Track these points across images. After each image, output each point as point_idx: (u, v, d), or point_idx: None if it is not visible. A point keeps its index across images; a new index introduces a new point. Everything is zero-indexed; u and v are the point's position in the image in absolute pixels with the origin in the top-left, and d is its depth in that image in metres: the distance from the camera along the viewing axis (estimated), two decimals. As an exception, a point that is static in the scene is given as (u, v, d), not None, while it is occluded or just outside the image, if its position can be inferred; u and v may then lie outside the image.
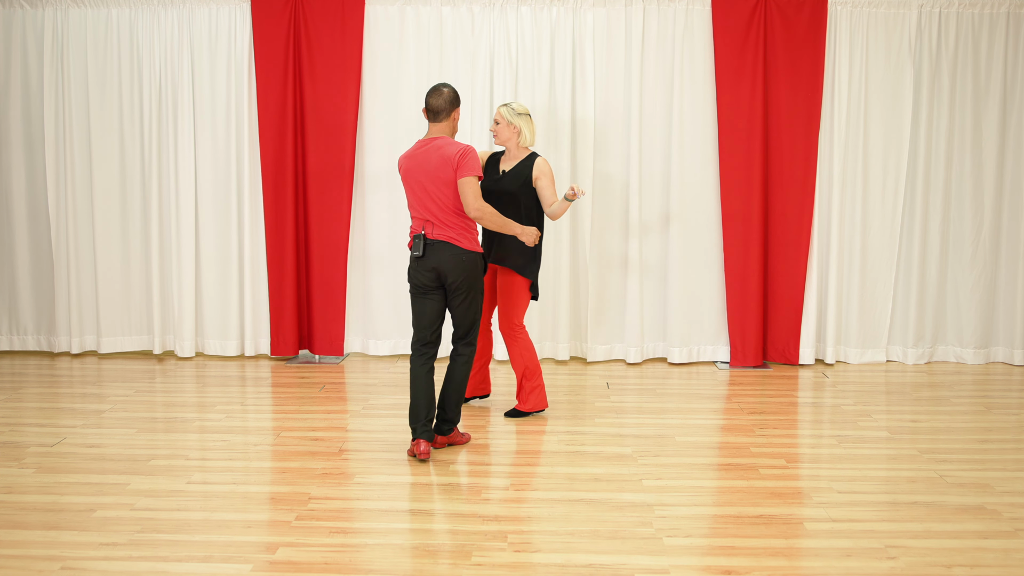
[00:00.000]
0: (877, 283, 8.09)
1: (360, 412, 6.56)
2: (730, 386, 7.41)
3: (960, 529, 4.57)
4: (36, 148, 8.14)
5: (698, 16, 7.84)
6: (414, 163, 5.67)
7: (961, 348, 8.17)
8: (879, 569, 4.11)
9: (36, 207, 8.21)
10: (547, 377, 7.59)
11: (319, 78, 7.90)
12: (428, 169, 5.61)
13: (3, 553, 4.25)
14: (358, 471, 5.37)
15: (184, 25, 7.96)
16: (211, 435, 6.06)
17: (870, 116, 7.94)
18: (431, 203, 5.62)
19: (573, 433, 6.11)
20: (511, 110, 6.24)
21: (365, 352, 8.28)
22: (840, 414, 6.63)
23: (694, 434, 6.12)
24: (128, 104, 8.08)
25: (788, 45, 7.78)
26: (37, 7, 8.01)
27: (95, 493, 4.99)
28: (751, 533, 4.50)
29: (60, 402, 6.85)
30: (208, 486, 5.13)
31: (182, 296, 8.12)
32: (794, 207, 7.90)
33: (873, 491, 5.07)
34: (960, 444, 5.92)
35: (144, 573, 4.06)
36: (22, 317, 8.35)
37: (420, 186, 5.64)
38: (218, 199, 8.08)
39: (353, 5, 7.83)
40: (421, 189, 5.64)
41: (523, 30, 7.88)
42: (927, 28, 7.86)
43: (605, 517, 4.69)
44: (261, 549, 4.29)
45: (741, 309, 7.96)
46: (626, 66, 7.89)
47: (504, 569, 4.11)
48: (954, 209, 8.04)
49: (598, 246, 7.99)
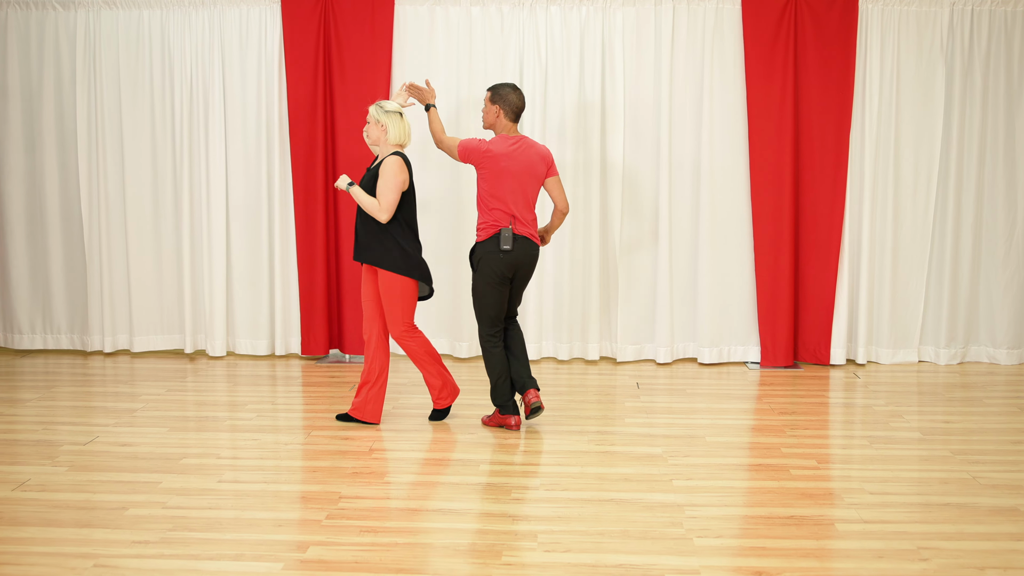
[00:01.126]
0: (909, 283, 8.03)
1: (390, 411, 6.58)
2: (760, 386, 7.38)
3: (993, 531, 4.53)
4: (69, 148, 8.21)
5: (728, 15, 7.82)
6: (512, 159, 5.97)
7: (994, 348, 8.10)
8: (911, 571, 4.09)
9: (69, 207, 8.28)
10: (578, 376, 7.60)
11: (349, 78, 7.92)
12: (526, 165, 6.00)
13: (37, 550, 4.29)
14: (388, 470, 5.39)
15: (215, 25, 8.00)
16: (242, 434, 6.09)
17: (902, 115, 7.88)
18: (520, 199, 6.00)
19: (603, 433, 6.10)
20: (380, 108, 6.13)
21: (396, 351, 8.29)
22: (872, 415, 6.59)
23: (724, 434, 6.10)
24: (160, 104, 8.13)
25: (819, 43, 7.74)
26: (70, 9, 8.07)
27: (127, 491, 5.02)
28: (782, 534, 4.49)
29: (93, 401, 6.90)
30: (239, 485, 5.15)
31: (213, 295, 8.17)
32: (825, 206, 7.86)
33: (905, 492, 5.04)
34: (993, 445, 5.87)
35: (176, 571, 4.08)
36: (56, 316, 8.42)
37: (517, 182, 5.98)
38: (249, 199, 8.12)
39: (383, 5, 7.85)
40: (517, 184, 5.98)
41: (552, 29, 7.87)
42: (959, 26, 7.80)
43: (635, 517, 4.68)
44: (292, 548, 4.31)
45: (772, 309, 7.92)
46: (655, 65, 7.87)
47: (534, 569, 4.11)
48: (987, 208, 7.97)
49: (628, 247, 7.98)
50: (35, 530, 4.52)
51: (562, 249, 7.94)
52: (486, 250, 6.03)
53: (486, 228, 6.03)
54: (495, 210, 5.99)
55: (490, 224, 6.00)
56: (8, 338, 8.51)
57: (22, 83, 8.17)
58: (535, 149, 6.09)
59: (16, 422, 6.35)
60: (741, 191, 7.92)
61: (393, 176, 5.90)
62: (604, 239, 8.00)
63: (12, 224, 8.33)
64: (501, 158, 5.97)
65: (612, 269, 8.02)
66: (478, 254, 6.07)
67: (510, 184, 5.97)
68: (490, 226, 6.00)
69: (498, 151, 5.98)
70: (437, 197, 7.97)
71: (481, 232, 6.06)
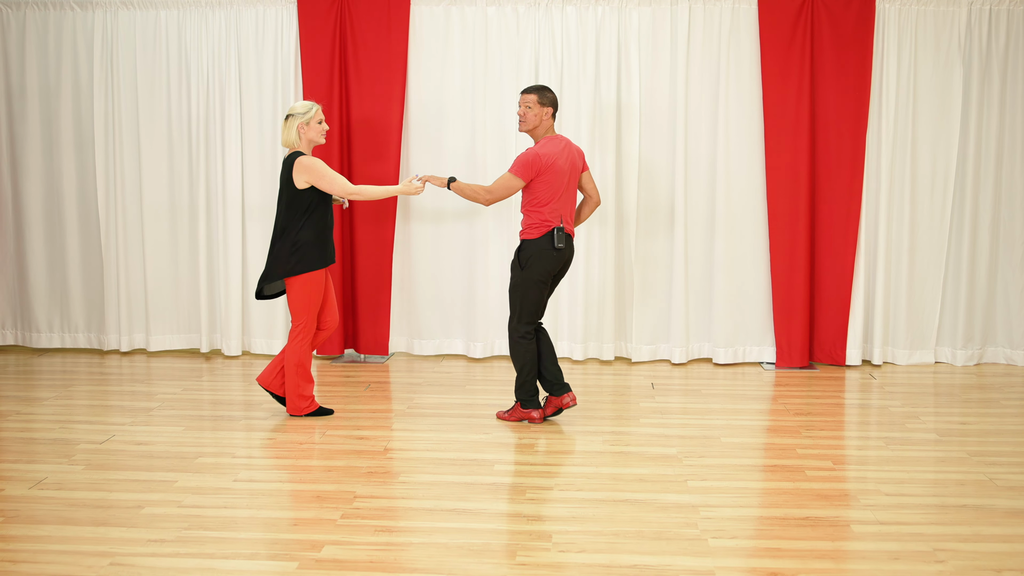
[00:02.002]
0: (925, 283, 8.00)
1: (405, 411, 6.59)
2: (776, 387, 7.37)
3: (1010, 533, 4.51)
4: (86, 148, 8.24)
5: (744, 15, 7.80)
6: (561, 161, 6.11)
7: (1011, 350, 8.06)
8: (927, 572, 4.07)
9: (86, 206, 8.31)
10: (593, 377, 7.61)
11: (364, 78, 7.93)
12: (571, 164, 6.23)
13: (53, 548, 4.31)
14: (403, 470, 5.39)
15: (231, 26, 8.03)
16: (257, 433, 6.11)
17: (919, 115, 7.85)
18: (569, 198, 6.22)
19: (618, 433, 6.10)
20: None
21: (410, 352, 8.30)
22: (887, 416, 6.57)
23: (739, 435, 6.09)
24: (176, 104, 8.16)
25: (835, 44, 7.72)
26: (87, 9, 8.10)
27: (143, 490, 5.04)
28: (797, 535, 4.47)
29: (109, 399, 6.93)
30: (255, 484, 5.16)
31: (229, 295, 8.19)
32: (841, 206, 7.83)
33: (921, 494, 5.02)
34: (1010, 447, 5.84)
35: (191, 570, 4.10)
36: (73, 315, 8.46)
37: (566, 183, 6.15)
38: (265, 198, 8.13)
39: (399, 5, 7.86)
40: (565, 186, 6.14)
41: (568, 30, 7.87)
42: (977, 26, 7.76)
43: (650, 518, 4.67)
44: (307, 547, 4.32)
45: (787, 309, 7.90)
46: (671, 65, 7.86)
47: (548, 569, 4.11)
48: (1004, 209, 7.93)
49: (643, 248, 7.97)
50: (52, 528, 4.54)
51: (578, 249, 7.92)
52: (539, 247, 6.09)
53: (538, 227, 6.09)
54: (547, 208, 6.08)
55: (541, 223, 6.08)
56: (26, 337, 8.55)
57: (40, 83, 8.21)
58: (573, 147, 6.25)
59: (33, 421, 6.37)
60: (757, 191, 7.90)
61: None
62: (619, 239, 7.99)
63: (30, 223, 8.36)
64: (557, 159, 6.07)
65: (627, 269, 8.01)
66: (528, 251, 6.12)
67: (561, 185, 6.09)
68: (542, 224, 6.09)
69: (554, 154, 6.08)
70: (452, 207, 7.98)
71: (532, 230, 6.11)
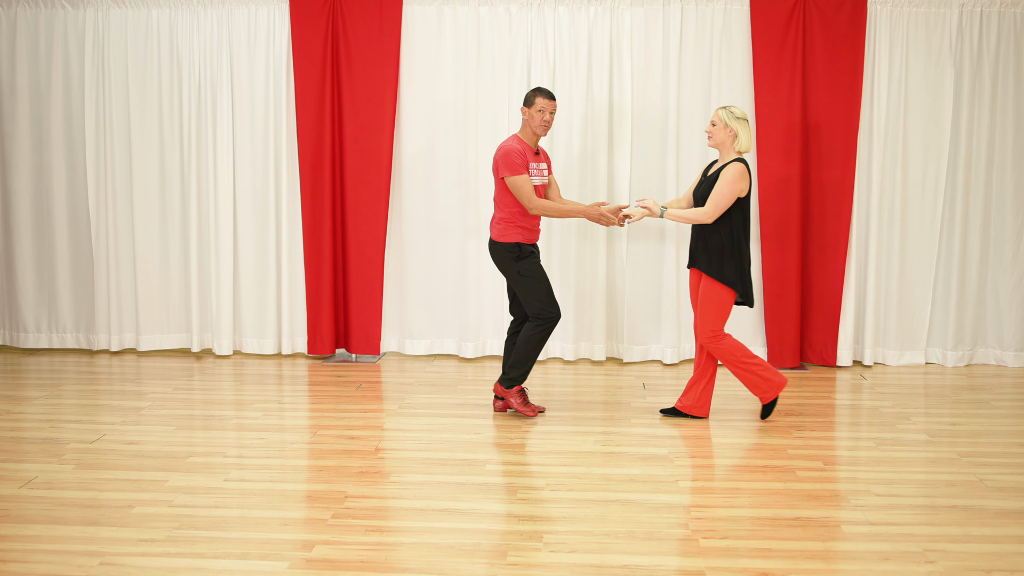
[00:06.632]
0: (916, 284, 8.01)
1: (396, 411, 6.58)
2: (767, 387, 7.36)
3: (1000, 534, 4.52)
4: (77, 147, 8.22)
5: (736, 16, 7.81)
6: None
7: (1001, 351, 8.08)
8: (917, 573, 4.08)
9: (76, 206, 8.29)
10: (584, 377, 7.60)
11: (357, 78, 7.92)
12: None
13: (43, 548, 4.29)
14: (394, 470, 5.39)
15: (223, 25, 8.01)
16: (248, 433, 6.10)
17: (910, 116, 7.86)
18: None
19: (609, 434, 6.10)
20: (730, 113, 6.13)
21: (402, 351, 8.29)
22: (878, 416, 6.58)
23: (730, 435, 6.10)
24: (168, 103, 8.14)
25: (827, 45, 7.73)
26: (78, 8, 8.08)
27: (134, 490, 5.03)
28: (788, 535, 4.48)
29: (99, 399, 6.91)
30: (245, 484, 5.16)
31: (220, 295, 8.18)
32: (832, 207, 7.84)
33: (912, 494, 5.03)
34: (1000, 448, 5.85)
35: (182, 570, 4.09)
36: (62, 315, 8.43)
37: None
38: (256, 198, 8.13)
39: (391, 5, 7.85)
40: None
41: (560, 30, 7.87)
42: (968, 28, 7.78)
43: (641, 518, 4.68)
44: (297, 547, 4.32)
45: (778, 310, 7.90)
46: (664, 66, 7.86)
47: (539, 569, 4.11)
48: (995, 210, 7.95)
49: (635, 247, 7.97)
50: (41, 528, 4.53)
51: (568, 250, 7.94)
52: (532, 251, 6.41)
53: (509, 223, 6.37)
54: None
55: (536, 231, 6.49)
56: (14, 337, 8.52)
57: (30, 81, 8.19)
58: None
59: (22, 420, 6.36)
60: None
61: (734, 182, 5.98)
62: (610, 240, 7.99)
63: (19, 222, 8.34)
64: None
65: (619, 269, 8.01)
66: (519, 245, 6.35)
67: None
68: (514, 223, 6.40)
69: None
70: (443, 206, 7.97)
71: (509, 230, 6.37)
